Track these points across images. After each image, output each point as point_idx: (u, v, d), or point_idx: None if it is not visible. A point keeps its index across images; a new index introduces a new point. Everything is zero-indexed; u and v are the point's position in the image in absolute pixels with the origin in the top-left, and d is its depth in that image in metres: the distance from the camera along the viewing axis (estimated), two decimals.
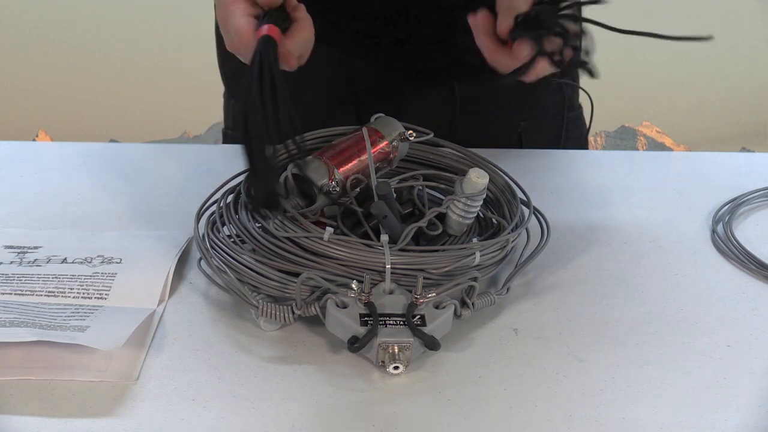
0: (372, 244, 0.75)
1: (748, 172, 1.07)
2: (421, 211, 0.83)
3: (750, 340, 0.76)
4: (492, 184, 0.86)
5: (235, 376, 0.70)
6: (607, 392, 0.70)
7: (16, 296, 0.78)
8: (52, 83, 48.84)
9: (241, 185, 0.82)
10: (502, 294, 0.79)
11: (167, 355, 0.72)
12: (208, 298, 0.80)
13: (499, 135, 1.14)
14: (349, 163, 0.81)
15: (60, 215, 0.94)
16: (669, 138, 20.50)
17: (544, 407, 0.68)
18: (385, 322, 0.70)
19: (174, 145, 1.13)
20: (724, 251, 0.90)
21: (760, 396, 0.69)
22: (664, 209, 0.99)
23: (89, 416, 0.65)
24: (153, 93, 45.69)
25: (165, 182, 1.02)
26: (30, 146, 1.15)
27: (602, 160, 1.14)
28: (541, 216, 0.88)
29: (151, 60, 48.33)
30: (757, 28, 28.96)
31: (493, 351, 0.74)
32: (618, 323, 0.78)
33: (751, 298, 0.83)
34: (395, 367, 0.69)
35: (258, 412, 0.66)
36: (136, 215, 0.94)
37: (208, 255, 0.78)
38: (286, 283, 0.74)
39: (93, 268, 0.82)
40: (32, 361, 0.69)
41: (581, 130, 1.22)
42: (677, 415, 0.67)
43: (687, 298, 0.82)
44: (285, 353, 0.73)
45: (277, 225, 0.77)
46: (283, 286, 0.74)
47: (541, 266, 0.85)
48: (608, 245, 0.91)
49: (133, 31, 52.82)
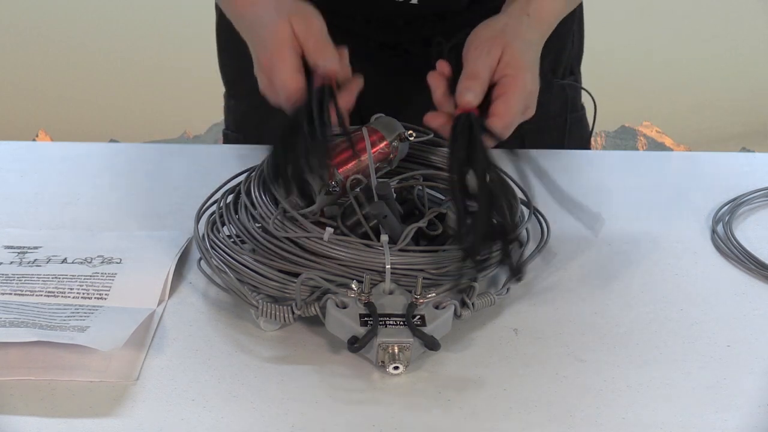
0: (372, 244, 0.75)
1: (748, 172, 1.07)
2: (421, 211, 0.83)
3: (750, 340, 0.76)
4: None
5: (235, 376, 0.70)
6: (607, 392, 0.70)
7: (16, 296, 0.78)
8: (52, 83, 48.86)
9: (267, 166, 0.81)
10: (502, 294, 0.79)
11: (167, 355, 0.72)
12: (208, 298, 0.80)
13: None
14: (349, 163, 0.81)
15: (60, 215, 0.94)
16: (669, 138, 20.51)
17: (544, 407, 0.68)
18: (385, 322, 0.70)
19: (174, 145, 1.13)
20: (724, 251, 0.90)
21: (760, 396, 0.69)
22: (664, 209, 0.99)
23: (89, 416, 0.65)
24: (153, 93, 45.71)
25: (165, 182, 1.02)
26: (30, 146, 1.15)
27: (602, 160, 1.14)
28: (541, 216, 0.88)
29: (151, 60, 48.34)
30: (757, 28, 28.92)
31: (493, 351, 0.74)
32: (618, 323, 0.78)
33: (751, 298, 0.83)
34: (395, 367, 0.69)
35: (258, 412, 0.66)
36: (136, 215, 0.94)
37: (207, 255, 0.78)
38: (286, 283, 0.74)
39: (93, 268, 0.82)
40: (32, 361, 0.69)
41: (584, 131, 1.22)
42: (677, 415, 0.67)
43: (687, 298, 0.82)
44: (285, 353, 0.73)
45: (277, 225, 0.77)
46: (283, 286, 0.74)
47: (541, 266, 0.85)
48: (608, 245, 0.91)
49: (133, 31, 52.83)
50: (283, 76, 0.80)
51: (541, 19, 0.88)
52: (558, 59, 1.16)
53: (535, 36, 0.87)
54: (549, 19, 0.89)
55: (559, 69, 1.17)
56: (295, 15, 0.83)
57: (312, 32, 0.82)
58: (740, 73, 40.58)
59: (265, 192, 0.80)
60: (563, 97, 1.18)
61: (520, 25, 0.86)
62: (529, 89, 0.82)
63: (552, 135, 1.18)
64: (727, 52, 43.74)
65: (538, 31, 0.88)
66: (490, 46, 0.82)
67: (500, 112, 0.79)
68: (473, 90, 0.80)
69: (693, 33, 46.61)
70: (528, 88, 0.82)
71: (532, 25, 0.87)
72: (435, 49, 0.87)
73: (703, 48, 39.30)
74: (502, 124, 0.79)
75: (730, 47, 43.55)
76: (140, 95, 45.63)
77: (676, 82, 45.79)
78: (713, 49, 47.28)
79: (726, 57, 44.33)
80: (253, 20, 0.86)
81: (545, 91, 1.17)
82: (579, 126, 1.21)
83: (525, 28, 0.86)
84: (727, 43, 43.95)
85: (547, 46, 1.14)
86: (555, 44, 1.15)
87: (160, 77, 47.84)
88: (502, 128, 0.79)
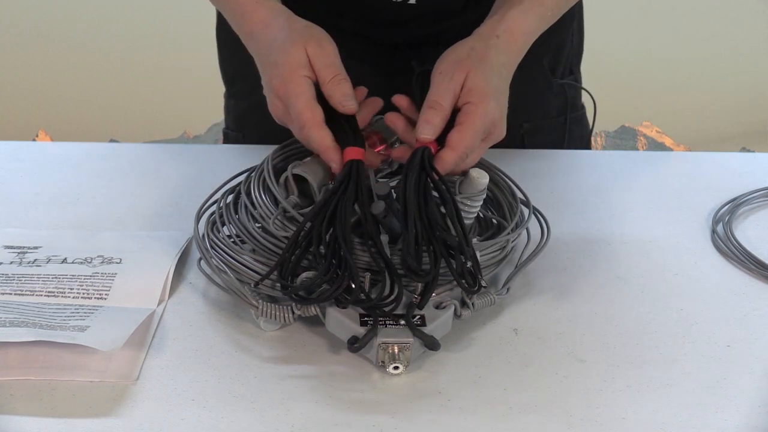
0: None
1: (748, 172, 1.07)
2: None
3: (750, 340, 0.76)
4: (492, 184, 0.86)
5: (235, 376, 0.70)
6: (607, 392, 0.70)
7: (16, 296, 0.78)
8: (52, 83, 48.85)
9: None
10: (502, 294, 0.79)
11: (167, 355, 0.72)
12: (208, 298, 0.80)
13: None
14: None
15: (60, 215, 0.94)
16: (669, 138, 20.52)
17: (544, 407, 0.68)
18: (385, 322, 0.70)
19: (174, 145, 1.13)
20: (724, 251, 0.90)
21: (760, 396, 0.69)
22: (664, 209, 0.99)
23: (89, 416, 0.65)
24: (153, 93, 45.71)
25: (165, 182, 1.02)
26: (30, 146, 1.15)
27: (602, 160, 1.14)
28: (541, 216, 0.88)
29: (151, 60, 48.34)
30: (757, 28, 28.96)
31: (493, 351, 0.74)
32: (618, 323, 0.78)
33: (751, 298, 0.83)
34: (395, 367, 0.69)
35: (258, 412, 0.66)
36: (136, 215, 0.94)
37: (207, 255, 0.78)
38: None
39: (93, 268, 0.82)
40: (32, 361, 0.69)
41: (584, 131, 1.22)
42: (677, 415, 0.67)
43: (687, 298, 0.82)
44: (285, 353, 0.73)
45: (277, 225, 0.77)
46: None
47: (541, 266, 0.85)
48: (608, 245, 0.91)
49: (133, 31, 52.85)
50: (299, 106, 0.80)
51: (512, 40, 0.87)
52: (557, 59, 1.16)
53: (503, 58, 0.85)
54: (520, 39, 0.88)
55: (558, 68, 1.17)
56: (309, 40, 0.82)
57: (327, 60, 0.82)
58: (740, 73, 40.59)
59: (265, 192, 0.80)
60: (563, 97, 1.18)
61: (488, 49, 0.84)
62: (491, 117, 0.81)
63: (552, 135, 1.19)
64: (727, 52, 43.77)
65: (508, 52, 0.86)
66: (453, 71, 0.81)
67: (454, 143, 0.78)
68: (431, 123, 0.79)
69: (693, 33, 46.71)
70: (489, 116, 0.80)
71: (500, 47, 0.85)
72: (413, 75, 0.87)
73: (703, 48, 39.30)
74: (455, 156, 0.78)
75: (730, 47, 43.59)
76: (140, 95, 45.63)
77: (676, 82, 45.76)
78: (713, 49, 47.36)
79: (726, 57, 44.34)
80: (264, 41, 0.85)
81: (545, 91, 1.18)
82: (579, 125, 1.21)
83: (493, 51, 0.85)
84: (727, 43, 43.97)
85: (546, 46, 1.14)
86: (554, 44, 1.15)
87: (160, 77, 47.84)
88: (455, 159, 0.78)
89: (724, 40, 47.31)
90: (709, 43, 24.43)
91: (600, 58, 4.48)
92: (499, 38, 0.86)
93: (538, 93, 1.16)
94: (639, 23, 15.50)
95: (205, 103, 23.63)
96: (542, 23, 0.91)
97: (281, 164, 0.84)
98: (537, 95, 1.16)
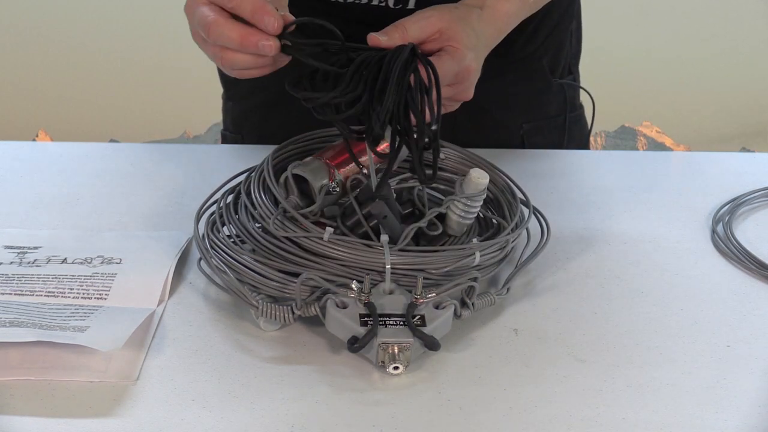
0: (372, 244, 0.75)
1: (748, 172, 1.07)
2: (421, 211, 0.83)
3: (750, 340, 0.76)
4: (492, 184, 0.86)
5: (235, 376, 0.70)
6: (607, 392, 0.70)
7: (16, 296, 0.78)
8: (52, 83, 48.84)
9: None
10: (502, 294, 0.79)
11: (167, 356, 0.72)
12: (208, 298, 0.80)
13: (501, 137, 1.14)
14: (350, 163, 0.81)
15: (60, 215, 0.94)
16: (669, 138, 20.50)
17: (544, 407, 0.68)
18: (385, 322, 0.70)
19: (174, 145, 1.13)
20: (724, 251, 0.90)
21: (760, 396, 0.69)
22: (664, 209, 0.99)
23: (89, 416, 0.65)
24: (153, 93, 45.69)
25: (165, 182, 1.02)
26: (30, 146, 1.15)
27: (602, 160, 1.14)
28: (541, 216, 0.88)
29: (151, 60, 48.33)
30: (757, 28, 28.97)
31: (493, 351, 0.74)
32: (618, 323, 0.78)
33: (751, 298, 0.83)
34: (395, 368, 0.69)
35: (258, 412, 0.66)
36: (136, 215, 0.94)
37: (207, 255, 0.78)
38: (286, 283, 0.74)
39: (93, 269, 0.82)
40: (32, 362, 0.69)
41: (583, 130, 1.22)
42: (677, 415, 0.67)
43: (687, 298, 0.82)
44: (285, 353, 0.73)
45: (277, 225, 0.77)
46: (283, 286, 0.74)
47: (541, 266, 0.85)
48: (608, 245, 0.91)
49: (133, 31, 52.84)
50: (200, 13, 0.76)
51: (495, 16, 0.87)
52: (556, 58, 1.17)
53: (484, 27, 0.86)
54: (501, 19, 0.88)
55: (557, 68, 1.17)
56: None
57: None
58: (740, 73, 40.57)
59: (265, 192, 0.80)
60: (562, 97, 1.18)
61: (470, 13, 0.85)
62: (466, 64, 0.79)
63: (551, 134, 1.19)
64: (727, 52, 43.77)
65: (489, 24, 0.87)
66: (432, 15, 0.80)
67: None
68: (388, 34, 0.77)
69: (693, 32, 46.66)
70: (465, 62, 0.78)
71: (483, 17, 0.86)
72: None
73: (703, 48, 39.15)
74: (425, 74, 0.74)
75: (730, 47, 43.58)
76: (140, 95, 45.60)
77: (676, 82, 45.74)
78: (713, 49, 47.35)
79: (726, 57, 44.34)
80: None
81: (545, 91, 1.18)
82: (578, 125, 1.21)
83: (475, 17, 0.85)
84: (727, 43, 43.96)
85: (545, 45, 1.14)
86: (553, 44, 1.15)
87: (160, 77, 47.82)
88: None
89: (724, 40, 47.31)
90: (709, 43, 24.36)
91: (599, 58, 4.46)
92: (483, 10, 0.87)
93: (538, 93, 1.17)
94: (638, 23, 15.42)
95: (205, 103, 23.61)
96: (524, 8, 0.92)
97: (281, 164, 0.84)
98: (536, 95, 1.16)
